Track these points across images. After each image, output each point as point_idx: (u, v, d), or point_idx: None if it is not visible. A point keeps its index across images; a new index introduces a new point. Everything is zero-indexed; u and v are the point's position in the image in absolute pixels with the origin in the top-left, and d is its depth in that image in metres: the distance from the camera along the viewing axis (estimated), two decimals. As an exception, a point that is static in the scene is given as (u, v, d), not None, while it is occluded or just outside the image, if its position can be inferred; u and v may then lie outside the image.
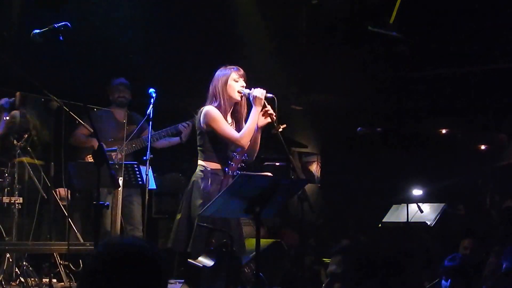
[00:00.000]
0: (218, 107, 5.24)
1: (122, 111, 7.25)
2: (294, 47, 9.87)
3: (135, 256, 1.96)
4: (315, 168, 11.02)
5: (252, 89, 5.19)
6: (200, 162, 5.31)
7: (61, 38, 3.79)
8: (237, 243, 5.06)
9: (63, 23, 3.85)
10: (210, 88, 5.33)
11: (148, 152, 6.56)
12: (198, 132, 5.36)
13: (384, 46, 9.23)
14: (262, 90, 5.17)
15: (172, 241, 5.47)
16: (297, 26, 9.81)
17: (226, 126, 5.19)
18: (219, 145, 5.22)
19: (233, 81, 5.27)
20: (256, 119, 5.19)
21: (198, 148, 5.37)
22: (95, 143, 6.70)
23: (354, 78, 9.68)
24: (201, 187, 5.16)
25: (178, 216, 5.44)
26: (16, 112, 6.30)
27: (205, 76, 5.46)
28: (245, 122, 5.32)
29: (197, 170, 5.30)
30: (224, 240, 4.89)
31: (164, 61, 8.37)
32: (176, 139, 7.30)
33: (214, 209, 4.55)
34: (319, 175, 10.97)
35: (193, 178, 5.30)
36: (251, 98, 5.17)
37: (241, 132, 5.13)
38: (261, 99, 5.15)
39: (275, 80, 8.95)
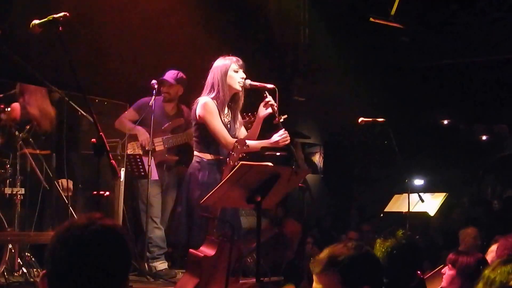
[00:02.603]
0: (216, 98, 5.25)
1: (171, 103, 7.10)
2: (296, 38, 9.87)
3: (100, 236, 1.97)
4: (317, 158, 11.04)
5: (281, 132, 5.19)
6: (196, 153, 5.32)
7: (60, 28, 3.80)
8: (238, 232, 5.09)
9: (62, 13, 3.86)
10: (209, 78, 5.33)
11: (150, 143, 6.59)
12: (194, 123, 5.36)
13: (386, 37, 9.22)
14: (287, 139, 5.19)
15: (173, 234, 5.50)
16: (298, 16, 9.81)
17: (219, 125, 5.20)
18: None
19: (233, 71, 5.28)
20: (260, 146, 5.23)
21: (194, 139, 5.38)
22: (140, 133, 6.74)
23: (356, 68, 9.68)
24: (199, 179, 5.18)
25: (178, 209, 5.47)
26: (16, 104, 6.30)
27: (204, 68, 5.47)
28: (240, 113, 5.38)
29: (193, 162, 5.32)
30: (225, 230, 4.91)
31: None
32: None
33: (215, 199, 4.57)
34: (321, 166, 10.99)
35: (189, 170, 5.31)
36: (274, 138, 5.20)
37: (236, 140, 5.00)
38: (280, 144, 5.18)
39: (278, 72, 8.97)
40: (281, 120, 5.19)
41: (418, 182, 7.25)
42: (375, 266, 2.72)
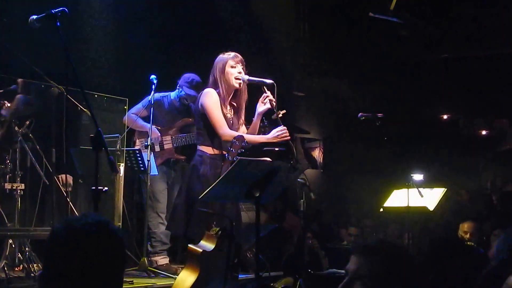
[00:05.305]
0: (218, 93, 5.27)
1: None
2: (296, 33, 9.87)
3: (97, 231, 2.00)
4: (317, 153, 11.04)
5: (280, 127, 5.20)
6: (199, 147, 5.35)
7: (58, 23, 3.80)
8: (236, 228, 5.10)
9: (61, 8, 3.86)
10: (210, 76, 5.36)
11: (149, 138, 6.59)
12: (196, 115, 5.40)
13: (386, 31, 9.22)
14: (286, 134, 5.19)
15: (170, 224, 5.54)
16: (299, 11, 9.81)
17: (219, 114, 5.22)
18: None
19: (230, 67, 5.29)
20: (259, 142, 5.22)
21: (197, 131, 5.41)
22: (151, 131, 6.71)
23: (356, 63, 9.68)
24: (200, 172, 5.20)
25: (177, 201, 5.49)
26: (19, 98, 6.31)
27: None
28: (243, 109, 5.39)
29: (196, 156, 5.34)
30: (224, 225, 4.93)
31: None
32: None
33: (214, 194, 4.58)
34: (321, 161, 11.00)
35: (192, 163, 5.34)
36: (273, 134, 5.20)
37: (235, 136, 4.96)
38: (279, 140, 5.16)
39: (278, 66, 8.97)
40: (280, 115, 5.19)
41: (418, 177, 7.23)
42: (413, 268, 2.68)
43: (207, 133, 5.29)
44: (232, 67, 5.29)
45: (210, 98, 5.23)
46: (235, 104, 5.44)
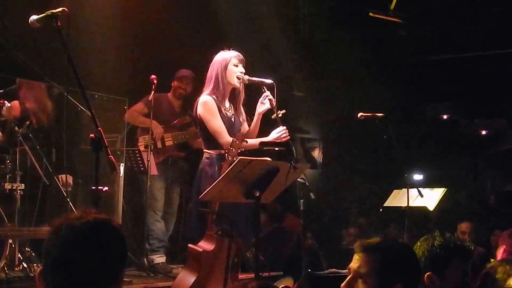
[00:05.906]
0: (216, 91, 5.26)
1: (179, 100, 7.19)
2: (296, 33, 9.87)
3: (99, 229, 1.99)
4: (317, 153, 11.04)
5: (280, 128, 5.18)
6: (205, 149, 5.35)
7: (58, 23, 3.80)
8: (241, 227, 5.09)
9: (61, 8, 3.86)
10: (209, 71, 5.34)
11: (149, 137, 6.61)
12: (197, 122, 5.41)
13: (386, 31, 9.22)
14: (286, 135, 5.16)
15: (187, 229, 5.53)
16: (299, 11, 9.81)
17: (218, 124, 5.21)
18: None
19: (232, 66, 5.29)
20: (258, 142, 5.19)
21: (201, 136, 5.42)
22: (154, 126, 6.75)
23: (356, 63, 9.68)
24: (209, 174, 5.19)
25: (190, 204, 5.49)
26: (16, 102, 6.32)
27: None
28: (242, 106, 5.39)
29: (203, 158, 5.34)
30: (224, 225, 4.93)
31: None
32: None
33: (214, 194, 4.58)
34: (321, 161, 11.00)
35: (200, 166, 5.32)
36: (272, 136, 5.19)
37: (235, 136, 5.01)
38: (279, 140, 5.15)
39: (278, 67, 8.97)
40: (279, 115, 5.19)
41: (417, 177, 7.26)
42: (416, 267, 2.68)
43: (210, 137, 5.29)
44: (235, 65, 5.29)
45: (207, 109, 5.23)
46: (233, 102, 5.44)
